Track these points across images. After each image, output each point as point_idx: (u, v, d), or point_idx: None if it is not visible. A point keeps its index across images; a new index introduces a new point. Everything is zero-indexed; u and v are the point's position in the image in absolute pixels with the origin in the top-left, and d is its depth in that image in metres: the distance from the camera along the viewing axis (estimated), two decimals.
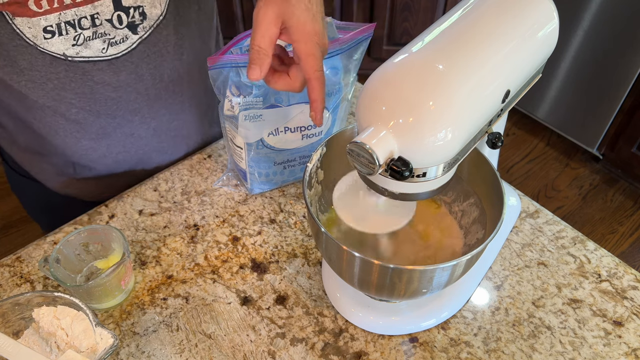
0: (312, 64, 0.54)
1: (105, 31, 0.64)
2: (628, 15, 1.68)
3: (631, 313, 0.65)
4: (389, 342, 0.63)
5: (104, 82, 0.68)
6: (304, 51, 0.54)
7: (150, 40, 0.68)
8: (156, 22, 0.67)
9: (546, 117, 2.08)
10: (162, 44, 0.69)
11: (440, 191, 0.52)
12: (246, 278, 0.69)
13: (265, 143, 0.72)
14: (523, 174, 2.03)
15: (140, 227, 0.75)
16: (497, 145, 0.52)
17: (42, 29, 0.60)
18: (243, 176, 0.78)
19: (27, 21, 0.59)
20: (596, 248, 0.73)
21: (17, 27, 0.59)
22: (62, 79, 0.66)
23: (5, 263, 0.70)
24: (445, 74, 0.44)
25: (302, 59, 0.54)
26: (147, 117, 0.76)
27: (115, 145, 0.77)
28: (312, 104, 0.57)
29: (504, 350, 0.62)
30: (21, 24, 0.59)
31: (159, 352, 0.61)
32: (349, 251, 0.51)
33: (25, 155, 0.81)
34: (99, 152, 0.77)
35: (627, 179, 1.98)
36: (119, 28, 0.64)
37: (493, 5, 0.51)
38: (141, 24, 0.65)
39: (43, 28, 0.60)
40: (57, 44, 0.62)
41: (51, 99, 0.67)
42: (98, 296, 0.63)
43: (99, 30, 0.63)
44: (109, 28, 0.64)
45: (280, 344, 0.62)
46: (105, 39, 0.64)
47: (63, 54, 0.63)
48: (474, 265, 0.58)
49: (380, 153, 0.44)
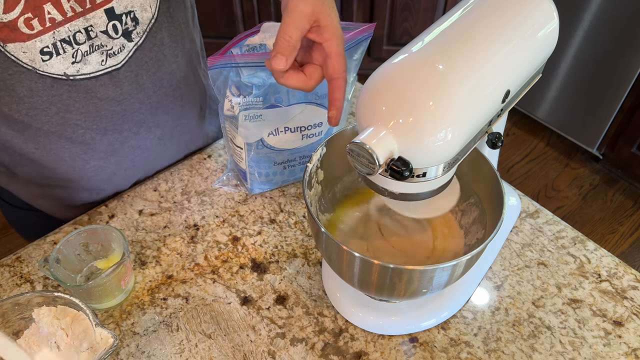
0: (341, 63, 0.56)
1: (101, 43, 0.62)
2: (628, 15, 1.68)
3: (631, 313, 0.65)
4: (389, 342, 0.63)
5: (108, 97, 0.67)
6: (335, 50, 0.55)
7: (146, 46, 0.67)
8: (149, 27, 0.65)
9: (546, 117, 2.08)
10: (157, 49, 0.68)
11: (440, 191, 0.52)
12: (246, 278, 0.69)
13: (265, 143, 0.72)
14: (523, 174, 2.03)
15: (140, 227, 0.75)
16: (497, 145, 0.52)
17: (38, 51, 0.58)
18: (243, 176, 0.78)
19: (20, 46, 0.57)
20: (596, 248, 0.73)
21: (10, 54, 0.57)
22: (66, 100, 0.64)
23: (5, 263, 0.70)
24: (445, 74, 0.44)
25: (333, 57, 0.55)
26: (152, 127, 0.75)
27: (123, 161, 0.76)
28: (335, 102, 0.57)
29: (504, 351, 0.62)
30: (14, 50, 0.57)
31: (159, 352, 0.61)
32: (349, 251, 0.51)
33: (27, 189, 0.78)
34: (107, 171, 0.76)
35: (627, 179, 1.98)
36: (115, 38, 0.63)
37: (493, 5, 0.51)
38: (134, 29, 0.64)
39: (39, 50, 0.58)
40: (56, 65, 0.60)
41: (55, 123, 0.66)
42: (98, 296, 0.63)
43: (95, 42, 0.62)
44: (105, 39, 0.62)
45: (280, 344, 0.62)
46: (102, 51, 0.63)
47: (64, 73, 0.61)
48: (474, 265, 0.58)
49: (380, 153, 0.44)
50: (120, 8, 0.61)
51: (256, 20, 2.08)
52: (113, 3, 0.60)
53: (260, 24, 0.68)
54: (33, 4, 0.55)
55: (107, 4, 0.60)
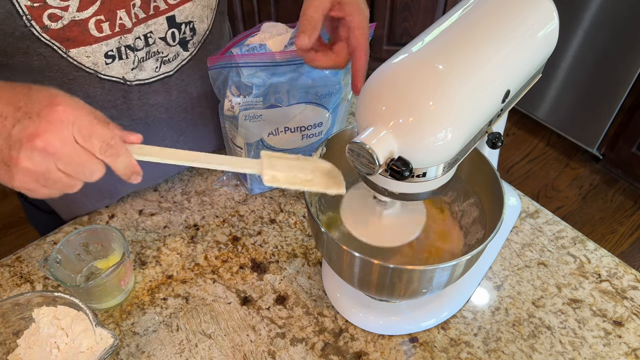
0: (362, 35, 0.57)
1: (158, 49, 0.63)
2: (628, 16, 1.68)
3: (631, 313, 0.65)
4: (389, 342, 0.63)
5: (158, 103, 0.68)
6: (357, 23, 0.57)
7: (199, 57, 0.68)
8: (203, 37, 0.67)
9: (546, 117, 2.08)
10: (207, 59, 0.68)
11: (440, 191, 0.52)
12: (246, 278, 0.69)
13: (265, 143, 0.72)
14: (523, 174, 2.03)
15: (140, 227, 0.75)
16: (497, 145, 0.52)
17: (103, 54, 0.59)
18: (243, 176, 0.78)
19: (84, 50, 0.57)
20: (596, 248, 0.73)
21: (73, 59, 0.58)
22: (120, 106, 0.65)
23: (5, 263, 0.70)
24: (446, 74, 0.44)
25: (355, 30, 0.57)
26: (191, 137, 0.75)
27: (157, 169, 0.76)
28: (357, 73, 0.59)
29: (504, 350, 0.62)
30: (77, 55, 0.57)
31: (159, 352, 0.61)
32: (349, 251, 0.51)
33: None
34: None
35: (627, 179, 1.98)
36: (172, 45, 0.64)
37: (493, 5, 0.51)
38: (191, 39, 0.66)
39: (104, 53, 0.59)
40: (116, 68, 0.61)
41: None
42: (98, 296, 0.63)
43: (152, 49, 0.63)
44: (162, 46, 0.63)
45: (280, 344, 0.62)
46: (158, 57, 0.64)
47: (122, 77, 0.62)
48: (474, 265, 0.58)
49: (380, 153, 0.44)
50: (181, 17, 0.63)
51: (256, 20, 2.08)
52: (175, 11, 0.62)
53: (260, 24, 0.68)
54: (108, 7, 0.56)
55: (169, 11, 0.61)
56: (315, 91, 0.68)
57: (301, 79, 0.66)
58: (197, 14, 0.64)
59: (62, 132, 0.40)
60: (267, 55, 0.63)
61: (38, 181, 0.41)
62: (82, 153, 0.42)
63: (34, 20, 0.53)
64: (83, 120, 0.41)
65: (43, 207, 0.80)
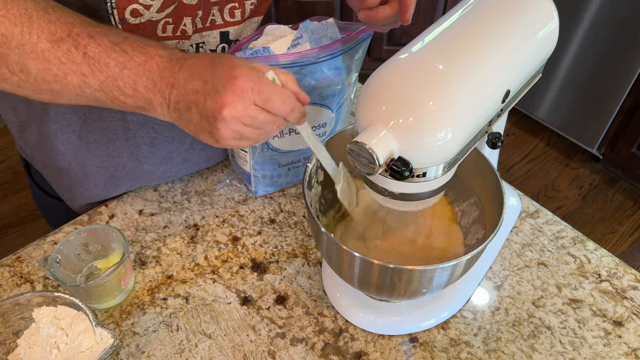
0: None
1: None
2: (628, 16, 1.68)
3: (631, 313, 0.65)
4: (389, 342, 0.63)
5: None
6: None
7: None
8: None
9: (546, 117, 2.08)
10: None
11: (440, 191, 0.52)
12: (246, 278, 0.69)
13: (270, 145, 0.72)
14: (523, 174, 2.03)
15: (140, 227, 0.75)
16: (497, 145, 0.52)
17: None
18: (247, 179, 0.78)
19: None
20: (596, 248, 0.73)
21: None
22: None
23: (5, 263, 0.70)
24: (445, 74, 0.44)
25: None
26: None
27: (171, 170, 0.77)
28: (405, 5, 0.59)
29: (504, 350, 0.62)
30: None
31: (159, 352, 0.61)
32: (349, 251, 0.51)
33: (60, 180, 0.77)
34: (155, 175, 0.77)
35: (627, 179, 1.98)
36: None
37: (493, 5, 0.51)
38: None
39: None
40: None
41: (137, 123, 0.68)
42: (98, 296, 0.63)
43: None
44: None
45: (280, 344, 0.62)
46: None
47: None
48: (474, 265, 0.58)
49: (380, 153, 0.44)
50: (234, 34, 0.65)
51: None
52: (230, 28, 0.64)
53: (263, 27, 0.68)
54: (178, 12, 0.57)
55: (224, 27, 0.64)
56: (319, 92, 0.68)
57: (305, 80, 0.66)
58: (244, 35, 0.67)
59: (244, 99, 0.48)
60: (271, 58, 0.63)
61: (236, 138, 0.51)
62: (260, 114, 0.49)
63: (117, 10, 0.54)
64: (261, 86, 0.48)
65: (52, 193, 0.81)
